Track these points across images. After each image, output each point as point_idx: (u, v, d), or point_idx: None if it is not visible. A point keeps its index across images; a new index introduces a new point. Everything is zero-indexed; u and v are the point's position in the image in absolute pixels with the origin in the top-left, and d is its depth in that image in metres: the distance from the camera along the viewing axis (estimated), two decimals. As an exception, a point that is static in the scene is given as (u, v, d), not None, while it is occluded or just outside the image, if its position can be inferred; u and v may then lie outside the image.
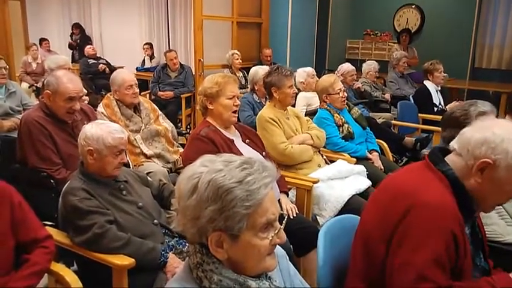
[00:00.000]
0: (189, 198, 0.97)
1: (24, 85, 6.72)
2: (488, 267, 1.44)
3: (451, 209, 1.24)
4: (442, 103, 4.88)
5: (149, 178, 2.37)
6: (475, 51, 7.25)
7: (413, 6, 7.80)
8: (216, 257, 1.00)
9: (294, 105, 3.49)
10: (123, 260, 1.79)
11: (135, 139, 3.02)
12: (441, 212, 1.23)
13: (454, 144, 1.34)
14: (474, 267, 1.33)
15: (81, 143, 1.99)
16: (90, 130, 1.99)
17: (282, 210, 2.35)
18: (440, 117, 4.41)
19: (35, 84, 6.74)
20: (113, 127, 2.05)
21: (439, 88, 4.95)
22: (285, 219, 1.06)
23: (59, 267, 1.75)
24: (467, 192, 1.28)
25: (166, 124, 3.29)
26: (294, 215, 2.42)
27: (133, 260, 1.80)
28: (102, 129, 1.99)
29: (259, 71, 4.03)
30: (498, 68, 7.12)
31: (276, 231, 1.01)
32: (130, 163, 2.88)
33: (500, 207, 1.88)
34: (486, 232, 1.59)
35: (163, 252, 1.90)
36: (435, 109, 4.74)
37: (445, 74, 4.96)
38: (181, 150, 3.19)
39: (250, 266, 1.01)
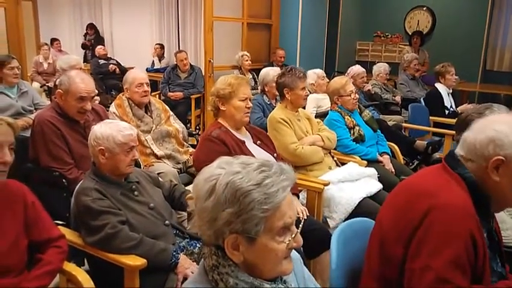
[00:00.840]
0: (206, 200, 0.97)
1: (36, 85, 6.78)
2: (505, 273, 1.42)
3: (470, 212, 1.24)
4: (454, 106, 4.84)
5: (160, 179, 2.38)
6: (487, 53, 7.17)
7: (424, 8, 7.75)
8: (232, 260, 0.99)
9: (304, 107, 3.48)
10: (135, 261, 1.80)
11: (146, 139, 3.04)
12: (461, 214, 1.22)
13: (459, 151, 1.34)
14: (491, 271, 1.32)
15: (91, 144, 2.00)
16: (99, 130, 2.00)
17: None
18: (452, 120, 4.44)
19: (47, 84, 6.80)
20: (122, 125, 2.07)
21: (451, 91, 4.91)
22: (302, 223, 1.05)
23: (71, 267, 1.75)
24: (485, 195, 1.28)
25: (177, 125, 3.31)
26: (305, 217, 2.41)
27: (145, 260, 1.80)
28: (111, 128, 2.00)
29: (270, 72, 4.03)
30: (510, 70, 7.04)
31: (293, 235, 1.00)
32: (141, 163, 2.89)
33: (516, 212, 1.86)
34: (502, 237, 1.58)
35: (174, 253, 1.90)
36: (447, 112, 4.71)
37: (456, 77, 4.91)
38: (191, 150, 3.20)
39: (267, 270, 1.01)
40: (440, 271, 1.17)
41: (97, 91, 3.04)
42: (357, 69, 4.93)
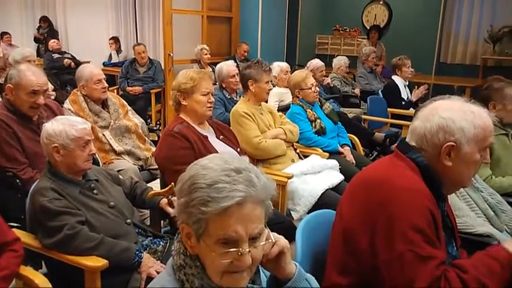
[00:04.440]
0: (179, 183, 0.99)
1: (-16, 80, 6.45)
2: (459, 256, 1.48)
3: (426, 193, 1.28)
4: (410, 97, 4.99)
5: (120, 176, 2.31)
6: (441, 46, 7.44)
7: (381, 2, 7.93)
8: (199, 261, 0.98)
9: (266, 101, 3.48)
10: (96, 262, 1.74)
11: (104, 135, 2.96)
12: (416, 194, 1.26)
13: (410, 141, 1.39)
14: (447, 255, 1.36)
15: (44, 142, 1.92)
16: (51, 127, 1.92)
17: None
18: (408, 111, 4.58)
19: (-4, 80, 6.47)
20: (75, 119, 2.01)
21: (407, 83, 5.06)
22: (270, 242, 1.02)
23: (28, 271, 1.68)
24: (437, 177, 1.33)
25: (135, 119, 3.23)
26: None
27: (106, 261, 1.75)
28: (64, 124, 1.93)
29: (223, 67, 3.99)
30: (462, 62, 7.34)
31: (240, 253, 0.93)
32: (100, 161, 2.81)
33: (471, 200, 1.93)
34: (458, 224, 1.64)
35: (137, 252, 1.86)
36: (403, 103, 4.85)
37: (412, 69, 5.07)
38: (153, 148, 3.13)
39: (211, 276, 0.97)
40: (418, 250, 1.19)
41: (52, 87, 2.93)
42: (316, 63, 4.99)
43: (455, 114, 1.31)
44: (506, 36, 6.74)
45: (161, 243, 2.02)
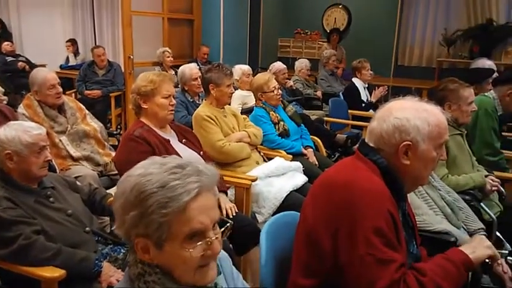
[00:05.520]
0: (118, 201, 0.93)
1: None
2: (420, 255, 1.51)
3: (386, 194, 1.30)
4: (369, 99, 5.11)
5: (78, 183, 2.24)
6: (398, 49, 7.67)
7: (340, 6, 8.09)
8: (158, 267, 0.95)
9: (229, 104, 3.47)
10: (52, 272, 1.68)
11: (60, 140, 2.85)
12: (377, 197, 1.28)
13: (368, 142, 1.41)
14: (408, 254, 1.39)
15: None
16: (3, 133, 1.85)
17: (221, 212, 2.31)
18: (368, 112, 4.68)
19: None
20: (28, 124, 1.95)
21: (366, 85, 5.18)
22: (228, 226, 1.01)
23: (-21, 285, 1.59)
24: (397, 179, 1.36)
25: (94, 124, 3.14)
26: (234, 214, 2.40)
27: (64, 271, 1.69)
28: (16, 129, 1.86)
29: (185, 70, 3.95)
30: (419, 65, 7.61)
31: (209, 242, 0.93)
32: (56, 167, 2.70)
33: (429, 198, 1.99)
34: (417, 222, 1.68)
35: (96, 261, 1.80)
36: (363, 105, 4.96)
37: (371, 72, 5.19)
38: (113, 154, 3.04)
39: (182, 277, 0.95)
40: (378, 254, 1.21)
41: (3, 90, 2.80)
42: (278, 65, 5.02)
43: (408, 114, 1.34)
44: (460, 39, 7.02)
45: (122, 251, 1.96)
